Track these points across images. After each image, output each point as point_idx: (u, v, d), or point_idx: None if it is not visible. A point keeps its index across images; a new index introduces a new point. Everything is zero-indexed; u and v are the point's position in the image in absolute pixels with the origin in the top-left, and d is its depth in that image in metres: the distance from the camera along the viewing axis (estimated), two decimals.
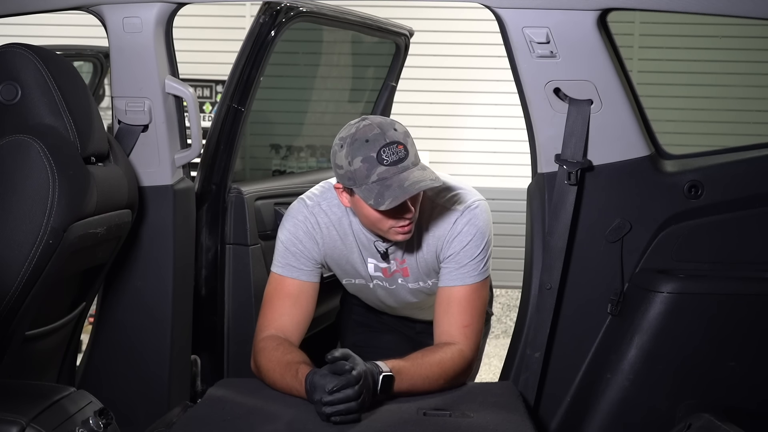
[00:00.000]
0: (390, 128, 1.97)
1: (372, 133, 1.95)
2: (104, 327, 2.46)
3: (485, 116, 5.58)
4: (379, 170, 1.94)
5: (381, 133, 1.95)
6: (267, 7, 2.53)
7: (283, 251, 2.18)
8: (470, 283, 2.13)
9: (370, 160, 1.94)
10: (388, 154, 1.94)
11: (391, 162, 1.94)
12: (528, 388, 2.29)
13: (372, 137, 1.95)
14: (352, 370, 1.83)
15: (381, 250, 2.17)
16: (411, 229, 2.05)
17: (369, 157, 1.94)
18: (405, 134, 1.99)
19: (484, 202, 2.17)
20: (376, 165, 1.94)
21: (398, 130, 1.98)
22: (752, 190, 2.28)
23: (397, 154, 1.94)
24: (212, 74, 5.30)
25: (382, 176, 1.94)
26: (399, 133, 1.97)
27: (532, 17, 2.16)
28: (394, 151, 1.94)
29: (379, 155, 1.94)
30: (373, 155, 1.94)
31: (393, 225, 2.02)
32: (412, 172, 1.95)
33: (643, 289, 2.25)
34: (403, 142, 1.97)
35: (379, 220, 2.02)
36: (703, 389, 2.24)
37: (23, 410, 1.53)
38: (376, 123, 1.98)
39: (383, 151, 1.94)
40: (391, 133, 1.96)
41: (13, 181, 1.87)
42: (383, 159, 1.94)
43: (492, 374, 4.41)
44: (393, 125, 1.99)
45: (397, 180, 1.94)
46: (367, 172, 1.94)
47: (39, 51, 2.01)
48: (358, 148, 1.95)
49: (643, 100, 2.29)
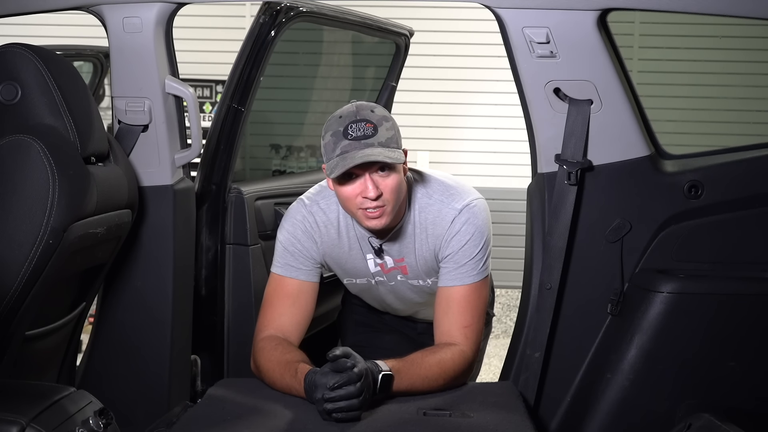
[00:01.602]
0: (366, 109, 1.99)
1: (347, 111, 1.99)
2: (104, 327, 2.46)
3: (485, 116, 5.58)
4: (343, 144, 1.95)
5: (355, 111, 1.98)
6: (267, 7, 2.53)
7: (282, 251, 2.19)
8: (469, 282, 2.12)
9: (337, 134, 1.96)
10: (354, 129, 1.96)
11: (355, 137, 1.95)
12: (528, 388, 2.29)
13: (345, 114, 1.98)
14: (354, 367, 1.84)
15: (375, 246, 2.17)
16: (382, 213, 2.02)
17: (337, 131, 1.97)
18: (382, 118, 1.99)
19: (482, 200, 2.17)
20: (341, 139, 1.96)
21: (376, 112, 1.99)
22: (752, 190, 2.28)
23: (363, 131, 1.96)
24: (212, 74, 5.30)
25: (344, 150, 1.95)
26: (375, 114, 1.98)
27: (532, 17, 2.16)
28: (361, 128, 1.96)
29: (345, 129, 1.96)
30: (340, 129, 1.96)
31: (360, 207, 2.01)
32: (374, 149, 1.95)
33: (643, 289, 2.25)
34: (375, 122, 1.97)
35: (347, 199, 2.03)
36: (703, 389, 2.24)
37: (23, 410, 1.53)
38: (357, 104, 2.01)
39: (350, 126, 1.96)
40: (364, 113, 1.98)
41: (13, 181, 1.87)
42: (348, 134, 1.95)
43: (492, 374, 4.41)
44: (372, 108, 2.00)
45: (356, 154, 1.94)
46: (333, 145, 1.97)
47: (39, 51, 2.01)
48: (331, 124, 1.99)
49: (643, 100, 2.29)
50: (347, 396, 1.82)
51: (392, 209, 2.03)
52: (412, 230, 2.14)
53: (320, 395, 1.83)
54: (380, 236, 2.14)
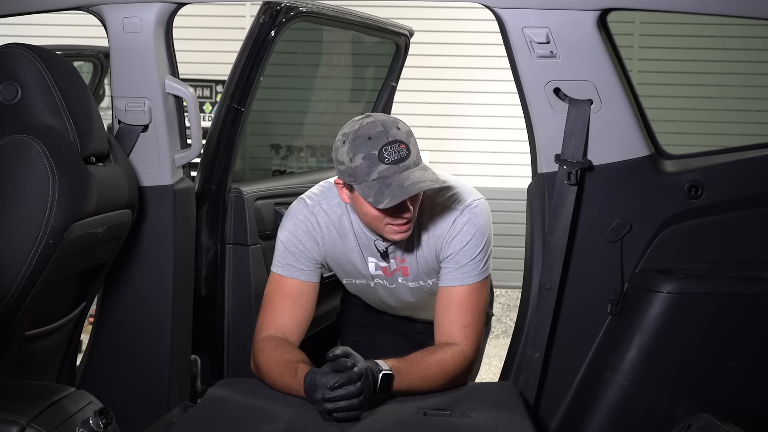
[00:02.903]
0: (393, 126, 1.97)
1: (375, 130, 1.96)
2: (104, 327, 2.46)
3: (485, 116, 5.58)
4: (380, 168, 1.94)
5: (384, 131, 1.95)
6: (267, 7, 2.53)
7: (283, 251, 2.18)
8: (470, 282, 2.13)
9: (371, 158, 1.94)
10: (390, 152, 1.94)
11: (392, 161, 1.94)
12: (528, 388, 2.29)
13: (374, 135, 1.95)
14: (354, 367, 1.84)
15: (381, 249, 2.17)
16: (409, 228, 2.05)
17: (370, 154, 1.94)
18: (408, 133, 1.99)
19: (483, 201, 2.17)
20: (377, 163, 1.94)
21: (401, 128, 1.98)
22: (752, 190, 2.28)
23: (399, 153, 1.95)
24: (212, 74, 5.30)
25: (382, 174, 1.94)
26: (402, 132, 1.98)
27: (532, 17, 2.16)
28: (396, 150, 1.95)
29: (381, 153, 1.94)
30: (374, 153, 1.94)
31: (390, 223, 2.02)
32: (413, 171, 1.96)
33: (643, 289, 2.25)
34: (406, 141, 1.97)
35: (377, 218, 2.02)
36: (703, 389, 2.24)
37: (23, 410, 1.53)
38: (380, 121, 1.98)
39: (385, 149, 1.94)
40: (393, 132, 1.96)
41: (13, 181, 1.87)
42: (384, 157, 1.94)
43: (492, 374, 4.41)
44: (396, 123, 1.99)
45: (398, 179, 1.94)
46: (368, 169, 1.94)
47: (39, 51, 2.01)
48: (360, 145, 1.95)
49: (643, 100, 2.29)
50: (347, 396, 1.82)
51: (414, 221, 2.06)
52: (414, 231, 2.14)
53: (320, 395, 1.83)
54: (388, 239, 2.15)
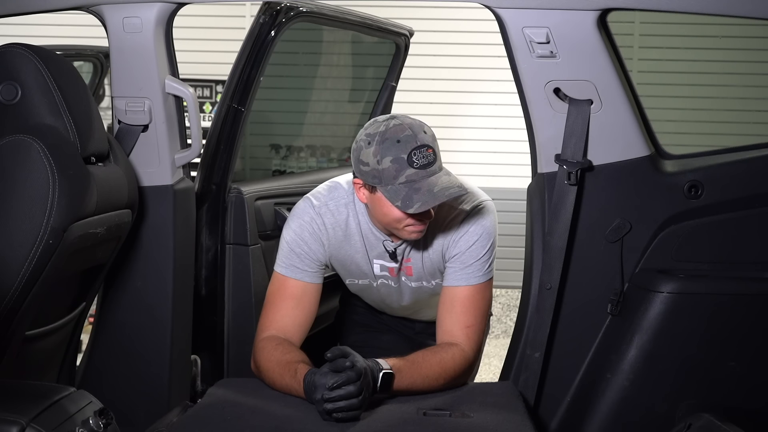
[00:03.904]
0: (420, 130, 1.98)
1: (404, 134, 1.95)
2: (104, 327, 2.46)
3: (485, 116, 5.58)
4: (409, 172, 1.94)
5: (412, 135, 1.95)
6: (267, 7, 2.53)
7: (287, 251, 2.18)
8: (474, 283, 2.13)
9: (400, 161, 1.94)
10: (419, 157, 1.94)
11: (421, 165, 1.95)
12: (528, 388, 2.29)
13: (403, 138, 1.95)
14: (353, 366, 1.83)
15: (390, 249, 2.17)
16: (425, 229, 2.06)
17: (399, 158, 1.94)
18: (433, 137, 2.00)
19: (490, 202, 2.18)
20: (406, 167, 1.94)
21: (427, 132, 1.99)
22: (752, 190, 2.28)
23: (427, 158, 1.95)
24: (212, 74, 5.30)
25: (410, 179, 1.94)
26: (428, 136, 1.98)
27: (532, 17, 2.16)
28: (425, 155, 1.95)
29: (410, 157, 1.94)
30: (403, 156, 1.94)
31: (409, 224, 2.02)
32: (439, 177, 1.97)
33: (643, 289, 2.25)
34: (432, 145, 1.97)
35: (397, 220, 2.02)
36: (703, 389, 2.24)
37: (23, 410, 1.53)
38: (407, 124, 1.98)
39: (414, 153, 1.94)
40: (421, 136, 1.97)
41: (13, 181, 1.87)
42: (413, 162, 1.94)
43: (492, 374, 4.41)
44: (423, 127, 1.99)
45: (426, 184, 1.94)
46: (396, 173, 1.95)
47: (39, 51, 2.01)
48: (388, 148, 1.95)
49: (643, 100, 2.29)
50: (347, 396, 1.82)
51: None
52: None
53: (320, 396, 1.83)
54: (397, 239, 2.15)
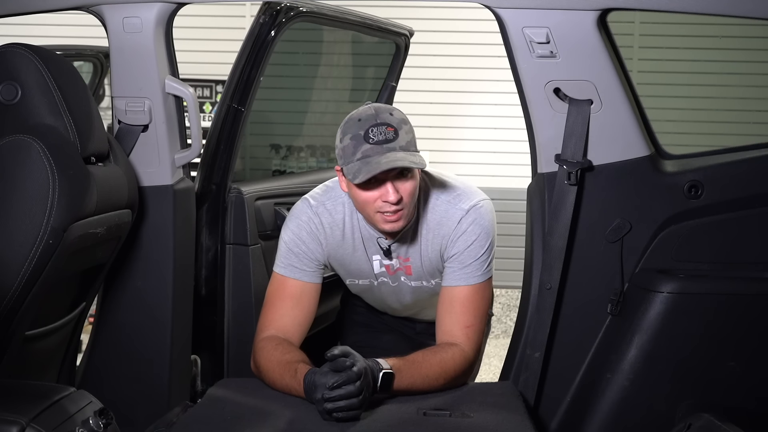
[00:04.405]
0: (386, 112, 1.99)
1: (366, 113, 1.99)
2: (104, 327, 2.46)
3: (485, 116, 5.58)
4: (364, 148, 1.95)
5: (374, 114, 1.98)
6: (267, 7, 2.53)
7: (286, 252, 2.18)
8: (473, 283, 2.13)
9: (357, 138, 1.96)
10: (376, 133, 1.96)
11: (377, 141, 1.95)
12: (528, 388, 2.29)
13: (365, 117, 1.98)
14: (353, 366, 1.83)
15: (384, 246, 2.17)
16: (400, 217, 2.03)
17: (357, 134, 1.97)
18: (401, 120, 2.00)
19: (488, 201, 2.17)
20: (362, 143, 1.96)
21: (394, 115, 2.00)
22: (752, 190, 2.28)
23: (385, 135, 1.96)
24: (212, 74, 5.30)
25: (366, 154, 1.95)
26: (394, 117, 1.99)
27: (532, 17, 2.16)
28: (382, 132, 1.96)
29: (367, 133, 1.96)
30: (360, 133, 1.96)
31: (379, 210, 2.02)
32: (396, 153, 1.96)
33: (643, 289, 2.25)
34: (396, 126, 1.97)
35: (365, 203, 2.03)
36: (703, 389, 2.24)
37: (23, 410, 1.53)
38: (374, 106, 2.01)
39: (371, 129, 1.96)
40: (384, 116, 1.98)
41: (13, 181, 1.87)
42: (370, 137, 1.96)
43: (492, 374, 4.41)
44: (391, 110, 2.01)
45: (378, 158, 1.95)
46: (354, 149, 1.96)
47: (39, 51, 2.01)
48: (350, 126, 1.99)
49: (643, 100, 2.29)
50: (347, 395, 1.82)
51: (409, 212, 2.05)
52: (419, 230, 2.15)
53: (320, 395, 1.83)
54: (390, 236, 2.15)
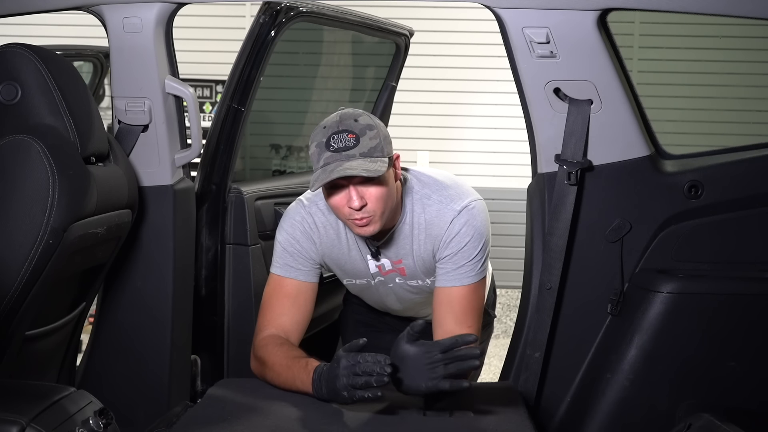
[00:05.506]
0: (350, 118, 1.98)
1: (331, 120, 1.99)
2: (104, 327, 2.46)
3: (485, 116, 5.58)
4: (325, 156, 1.96)
5: (338, 121, 1.98)
6: (267, 7, 2.53)
7: (281, 252, 2.18)
8: (468, 283, 2.12)
9: (320, 146, 1.97)
10: (336, 140, 1.96)
11: (336, 149, 1.95)
12: (528, 388, 2.29)
13: (329, 124, 1.98)
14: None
15: (372, 248, 2.17)
16: (368, 222, 2.01)
17: (321, 142, 1.97)
18: (366, 126, 1.98)
19: (481, 201, 2.16)
20: (324, 150, 1.96)
21: (359, 121, 1.98)
22: (752, 190, 2.28)
23: (345, 142, 1.96)
24: (212, 74, 5.30)
25: (326, 161, 1.96)
26: (358, 124, 1.98)
27: (532, 17, 2.16)
28: (342, 139, 1.96)
29: (328, 141, 1.96)
30: (323, 141, 1.97)
31: (348, 217, 2.02)
32: (355, 160, 1.95)
33: (643, 289, 2.25)
34: (358, 132, 1.96)
35: (336, 209, 2.04)
36: (703, 389, 2.24)
37: (23, 410, 1.53)
38: (341, 112, 2.01)
39: (333, 137, 1.96)
40: (347, 123, 1.97)
41: (13, 181, 1.87)
42: (330, 145, 1.96)
43: (492, 374, 4.40)
44: (356, 116, 1.99)
45: (335, 166, 1.94)
46: (318, 157, 1.97)
47: (39, 51, 2.01)
48: (316, 134, 1.99)
49: (643, 100, 2.29)
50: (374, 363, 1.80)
51: (380, 217, 2.03)
52: (409, 231, 2.14)
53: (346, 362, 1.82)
54: (376, 239, 2.15)
